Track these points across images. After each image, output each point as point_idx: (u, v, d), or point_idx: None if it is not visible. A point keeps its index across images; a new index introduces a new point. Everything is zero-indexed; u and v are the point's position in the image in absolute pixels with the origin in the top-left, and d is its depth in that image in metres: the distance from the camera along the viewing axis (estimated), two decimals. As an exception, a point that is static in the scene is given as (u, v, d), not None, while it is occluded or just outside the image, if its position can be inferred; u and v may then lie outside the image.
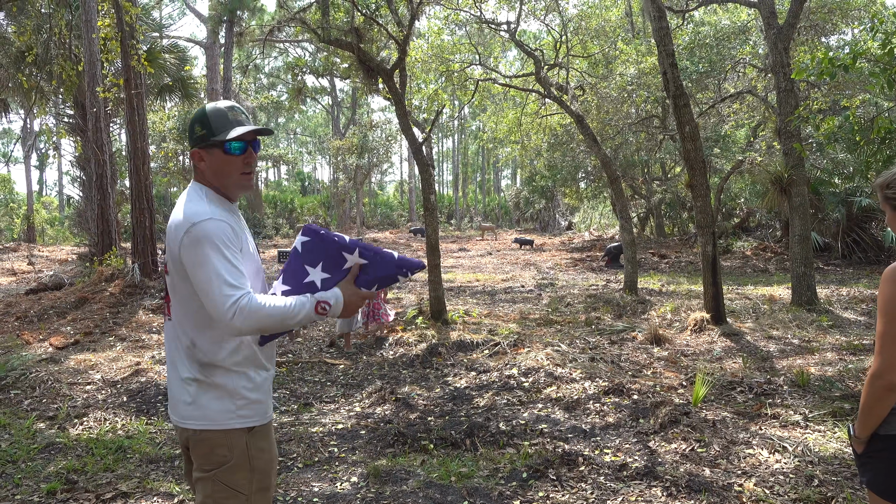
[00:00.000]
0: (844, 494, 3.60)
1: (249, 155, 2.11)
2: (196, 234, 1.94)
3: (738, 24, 16.07)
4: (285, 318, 1.95)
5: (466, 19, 15.04)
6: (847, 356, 6.81)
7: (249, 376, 2.09)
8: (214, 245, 1.93)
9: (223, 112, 2.09)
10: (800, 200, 9.59)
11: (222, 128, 2.06)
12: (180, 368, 2.10)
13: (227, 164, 2.09)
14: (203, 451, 2.07)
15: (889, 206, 2.17)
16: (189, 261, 1.95)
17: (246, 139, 2.10)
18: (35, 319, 9.59)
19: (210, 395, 2.05)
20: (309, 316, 1.99)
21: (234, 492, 2.06)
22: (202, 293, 1.94)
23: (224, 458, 2.05)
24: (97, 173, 12.69)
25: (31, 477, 4.19)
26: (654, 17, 8.48)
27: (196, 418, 2.06)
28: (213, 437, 2.05)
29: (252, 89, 41.66)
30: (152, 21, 20.05)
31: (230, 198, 2.16)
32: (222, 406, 2.05)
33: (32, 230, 30.53)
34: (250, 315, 1.89)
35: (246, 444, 2.08)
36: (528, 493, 3.82)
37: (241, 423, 2.07)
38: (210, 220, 1.96)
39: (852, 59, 6.44)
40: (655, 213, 25.89)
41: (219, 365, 2.05)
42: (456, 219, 47.45)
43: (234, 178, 2.11)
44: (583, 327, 8.82)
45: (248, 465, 2.07)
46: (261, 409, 2.12)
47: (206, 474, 2.07)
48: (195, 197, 2.07)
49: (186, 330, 2.07)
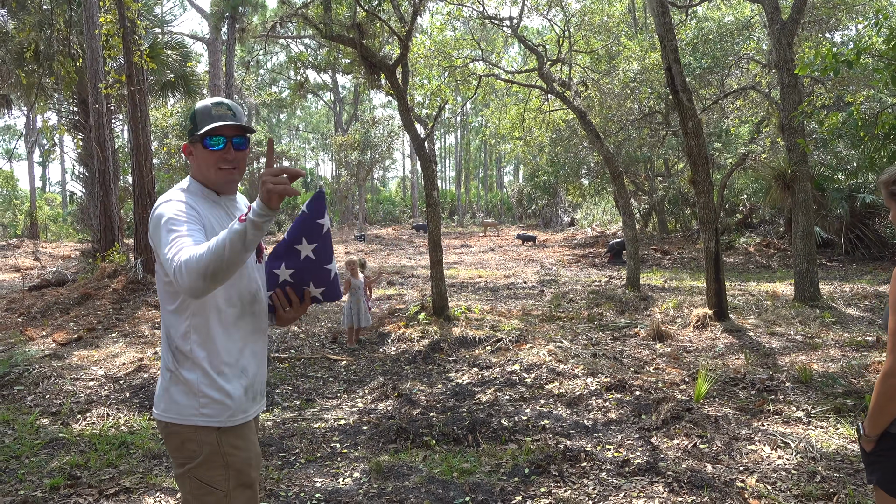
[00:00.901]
0: (847, 491, 3.59)
1: (228, 151, 2.13)
2: (155, 215, 2.01)
3: (741, 20, 16.00)
4: (218, 249, 1.76)
5: (469, 15, 14.98)
6: (850, 352, 6.79)
7: (214, 376, 2.07)
8: (161, 224, 1.96)
9: (208, 108, 2.13)
10: (803, 196, 9.56)
11: (204, 123, 2.10)
12: (164, 358, 2.15)
13: (206, 158, 2.13)
14: (174, 444, 2.09)
15: (894, 202, 2.15)
16: (152, 241, 2.02)
17: (224, 135, 2.11)
18: (38, 316, 9.61)
19: (178, 388, 2.07)
20: (239, 232, 1.76)
21: (210, 488, 2.05)
22: (164, 269, 1.94)
23: (194, 452, 2.06)
24: (100, 170, 12.69)
25: (35, 472, 4.20)
26: (658, 13, 8.45)
27: (166, 411, 2.08)
28: (183, 430, 2.06)
29: (254, 85, 41.63)
30: (154, 17, 20.01)
31: (218, 191, 2.19)
32: (187, 401, 2.06)
33: (35, 226, 30.59)
34: (188, 269, 1.77)
35: (217, 440, 2.06)
36: (530, 489, 3.82)
37: (205, 422, 2.05)
38: (167, 201, 2.03)
39: (856, 55, 6.42)
40: (658, 210, 25.85)
41: (186, 356, 2.06)
42: (458, 215, 47.44)
43: (213, 172, 2.14)
44: (585, 323, 8.82)
45: (221, 462, 2.06)
46: (224, 410, 2.07)
47: (181, 470, 2.08)
48: (175, 189, 2.14)
49: (164, 317, 2.13)
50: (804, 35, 14.68)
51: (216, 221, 2.10)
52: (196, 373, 2.06)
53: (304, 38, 30.96)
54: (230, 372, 2.10)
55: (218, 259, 1.77)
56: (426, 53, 14.42)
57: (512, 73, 15.48)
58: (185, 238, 1.90)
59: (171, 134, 26.15)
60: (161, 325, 2.17)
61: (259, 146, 28.35)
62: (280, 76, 46.85)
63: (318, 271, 2.24)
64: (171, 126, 25.65)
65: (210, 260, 1.77)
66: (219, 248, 1.77)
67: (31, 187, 38.23)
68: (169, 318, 2.10)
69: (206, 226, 2.04)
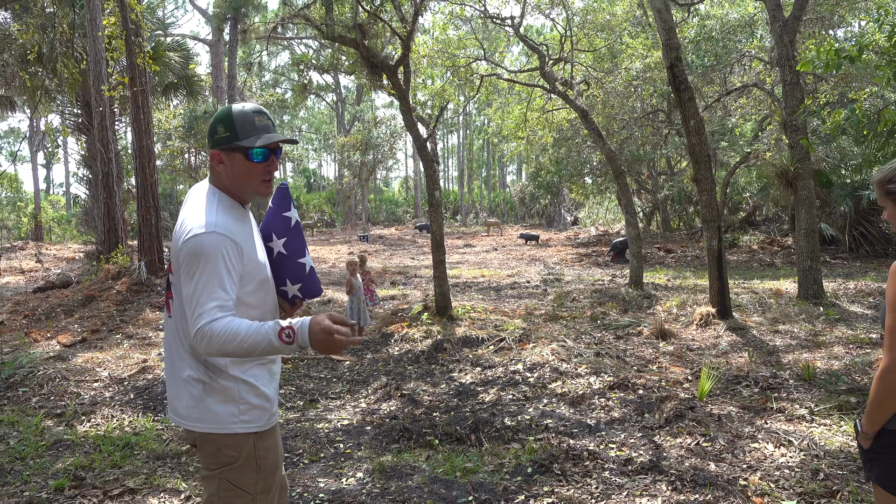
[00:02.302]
0: (850, 488, 3.59)
1: (271, 163, 2.08)
2: (194, 246, 1.89)
3: (744, 18, 15.97)
4: (246, 346, 1.83)
5: (471, 14, 14.99)
6: (854, 350, 6.78)
7: (253, 382, 2.07)
8: (208, 260, 1.88)
9: (250, 116, 2.03)
10: (806, 194, 9.54)
11: (247, 133, 2.01)
12: (181, 367, 2.06)
13: (248, 171, 2.05)
14: (210, 451, 2.06)
15: (890, 201, 2.15)
16: (184, 270, 1.91)
17: (270, 147, 2.06)
18: (43, 317, 9.65)
19: (214, 398, 2.02)
20: (275, 348, 1.85)
21: (240, 491, 2.05)
22: (185, 304, 1.90)
23: (232, 458, 2.04)
24: (103, 172, 12.73)
25: (40, 473, 4.22)
26: (659, 11, 8.44)
27: (200, 421, 2.04)
28: (220, 438, 2.04)
29: (257, 86, 41.70)
30: (156, 20, 20.07)
31: (243, 202, 2.13)
32: (226, 410, 2.02)
33: (40, 228, 30.69)
34: (211, 342, 1.82)
35: (254, 445, 2.07)
36: (533, 488, 3.82)
37: (245, 429, 2.05)
38: (212, 233, 1.91)
39: (858, 51, 6.40)
40: (661, 208, 25.83)
41: (223, 368, 2.03)
42: (461, 214, 47.45)
43: (254, 185, 2.08)
44: (588, 322, 8.82)
45: (255, 466, 2.07)
46: (264, 415, 2.10)
47: (211, 472, 2.06)
48: (205, 202, 2.02)
49: (183, 329, 2.05)
50: (806, 32, 14.65)
51: (245, 241, 2.04)
52: (236, 381, 2.03)
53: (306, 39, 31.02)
54: (268, 376, 2.12)
55: (241, 352, 1.85)
56: (429, 53, 14.43)
57: (514, 73, 15.48)
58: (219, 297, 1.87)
59: (174, 136, 26.21)
60: (174, 334, 2.09)
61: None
62: (283, 77, 46.91)
63: (292, 266, 2.23)
64: (174, 128, 25.71)
65: (234, 350, 1.83)
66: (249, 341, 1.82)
67: (34, 189, 38.38)
68: None
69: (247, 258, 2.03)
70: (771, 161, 13.72)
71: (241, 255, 1.98)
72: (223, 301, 1.87)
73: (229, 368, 2.04)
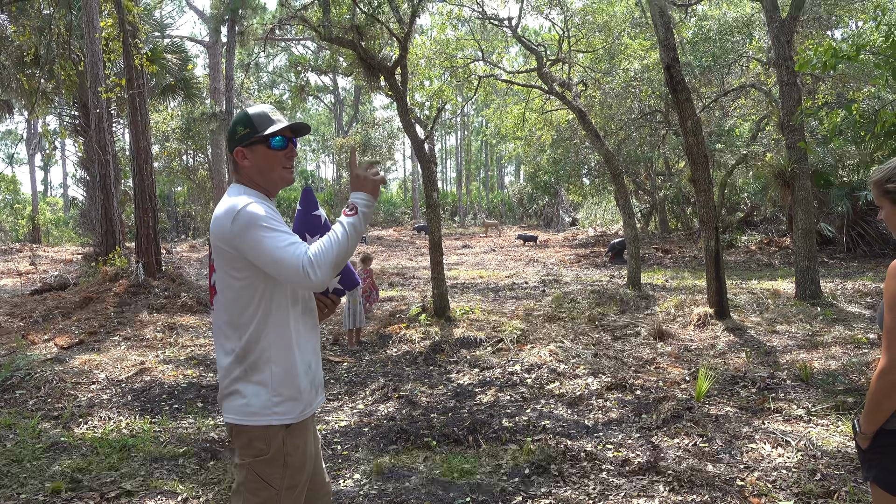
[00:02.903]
0: (847, 488, 3.59)
1: (290, 150, 2.24)
2: (242, 219, 2.04)
3: (742, 18, 15.99)
4: (342, 242, 2.04)
5: (469, 15, 15.00)
6: (851, 350, 6.78)
7: (287, 374, 2.14)
8: (260, 223, 2.03)
9: (265, 112, 2.22)
10: (803, 194, 9.55)
11: (265, 125, 2.18)
12: (223, 359, 2.18)
13: (270, 159, 2.20)
14: (243, 442, 2.14)
15: (888, 201, 2.14)
16: (246, 246, 2.04)
17: (286, 135, 2.22)
18: (40, 320, 9.63)
19: (249, 390, 2.12)
20: (354, 225, 2.09)
21: (265, 484, 2.12)
22: (272, 270, 2.04)
23: (261, 451, 2.12)
24: (100, 173, 12.72)
25: (36, 476, 4.21)
26: (657, 12, 8.45)
27: (234, 412, 2.13)
28: (252, 430, 2.12)
29: (255, 88, 41.69)
30: (154, 21, 20.05)
31: (269, 194, 2.27)
32: (260, 401, 2.11)
33: (37, 231, 30.65)
34: (320, 263, 1.99)
35: (283, 440, 2.13)
36: (531, 489, 3.82)
37: (278, 420, 2.12)
38: (249, 203, 2.07)
39: (855, 52, 6.41)
40: (659, 209, 25.85)
41: (258, 358, 2.12)
42: (460, 215, 47.45)
43: (277, 172, 2.23)
44: (586, 323, 8.81)
45: (282, 461, 2.13)
46: (297, 407, 2.16)
47: (242, 462, 2.15)
48: (234, 193, 2.19)
49: (232, 318, 2.15)
50: (804, 32, 14.67)
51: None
52: (268, 372, 2.12)
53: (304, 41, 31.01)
54: (301, 368, 2.18)
55: (344, 251, 2.04)
56: (427, 54, 14.43)
57: (512, 74, 15.49)
58: (293, 237, 2.05)
59: (171, 138, 26.19)
60: (218, 329, 2.20)
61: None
62: (281, 79, 46.89)
63: None
64: (171, 129, 25.69)
65: (337, 252, 2.02)
66: (342, 239, 2.04)
67: (32, 191, 38.34)
68: (234, 321, 2.14)
69: None
70: (768, 162, 13.74)
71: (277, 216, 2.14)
72: (294, 239, 2.04)
73: (266, 358, 2.12)
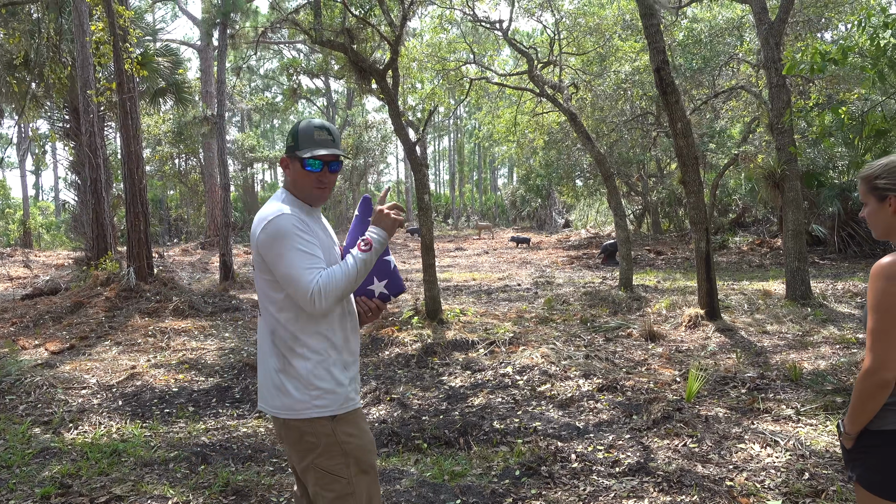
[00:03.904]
0: (835, 487, 3.62)
1: (324, 174, 2.33)
2: (270, 229, 2.17)
3: (732, 21, 16.08)
4: (351, 275, 2.16)
5: (460, 18, 15.02)
6: (840, 350, 6.83)
7: (325, 366, 2.24)
8: (286, 238, 2.15)
9: (311, 131, 2.32)
10: (793, 195, 9.61)
11: (306, 145, 2.29)
12: (269, 358, 2.29)
13: (303, 178, 2.32)
14: (293, 438, 2.24)
15: (874, 198, 2.16)
16: (269, 255, 2.18)
17: (324, 160, 2.32)
18: (31, 325, 9.58)
19: (290, 385, 2.22)
20: (366, 260, 2.21)
21: (334, 476, 2.20)
22: (284, 285, 2.17)
23: (312, 444, 2.21)
24: (91, 177, 12.67)
25: (26, 482, 4.19)
26: (646, 15, 8.49)
27: (280, 408, 2.24)
28: (300, 424, 2.22)
29: (247, 91, 41.60)
30: (146, 25, 19.99)
31: (311, 204, 2.38)
32: (301, 396, 2.21)
33: (29, 235, 30.46)
34: (327, 294, 2.10)
35: (332, 430, 2.21)
36: (521, 491, 3.83)
37: (319, 413, 2.21)
38: (281, 215, 2.19)
39: (842, 54, 6.45)
40: (652, 210, 25.94)
41: (297, 352, 2.22)
42: (453, 218, 47.47)
43: (308, 191, 2.34)
44: (578, 325, 8.84)
45: (340, 450, 2.21)
46: (337, 399, 2.24)
47: (305, 462, 2.23)
48: (275, 199, 2.33)
49: (272, 315, 2.27)
50: (794, 35, 14.76)
51: (319, 230, 2.33)
52: (307, 367, 2.22)
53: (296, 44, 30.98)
54: (340, 364, 2.29)
55: (351, 284, 2.17)
56: (420, 57, 14.45)
57: (504, 76, 15.52)
58: (317, 260, 2.17)
59: (164, 141, 26.09)
60: (263, 329, 2.33)
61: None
62: (273, 81, 46.82)
63: (379, 263, 2.51)
64: (163, 133, 25.59)
65: (345, 285, 2.15)
66: (351, 273, 2.17)
67: (23, 196, 38.05)
68: (278, 320, 2.25)
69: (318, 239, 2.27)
70: (758, 163, 13.81)
71: (312, 231, 2.25)
72: (314, 263, 2.15)
73: (304, 355, 2.23)
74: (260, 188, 47.00)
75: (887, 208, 2.12)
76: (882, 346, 2.00)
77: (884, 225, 2.16)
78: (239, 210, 34.20)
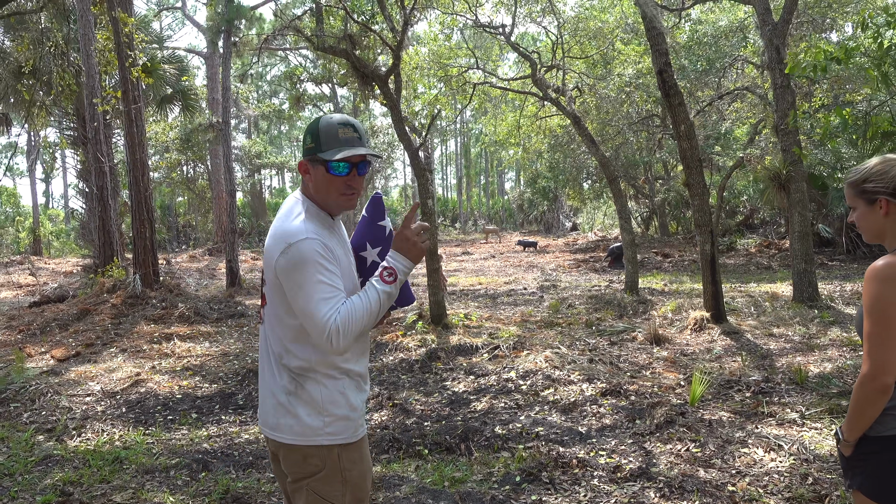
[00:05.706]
0: (838, 492, 3.57)
1: (353, 178, 2.07)
2: (292, 255, 1.94)
3: (735, 22, 16.02)
4: (372, 311, 1.98)
5: (463, 23, 15.04)
6: (847, 352, 6.76)
7: (339, 392, 2.08)
8: (307, 267, 1.93)
9: (334, 129, 2.04)
10: (799, 197, 9.55)
11: (329, 146, 2.02)
12: (272, 377, 2.10)
13: (328, 183, 2.06)
14: (295, 460, 2.08)
15: (864, 201, 2.14)
16: (287, 283, 1.96)
17: (352, 161, 2.05)
18: (38, 332, 9.64)
19: (301, 409, 2.05)
20: (389, 293, 2.01)
21: (327, 502, 2.08)
22: (300, 316, 1.97)
23: (316, 467, 2.06)
24: (98, 185, 12.76)
25: (28, 490, 4.20)
26: (648, 17, 8.47)
27: (286, 432, 2.07)
28: (306, 449, 2.06)
29: (253, 98, 41.80)
30: (152, 32, 20.14)
31: (331, 213, 2.15)
32: (312, 422, 2.04)
33: (38, 243, 30.69)
34: (346, 333, 1.92)
35: (338, 456, 2.08)
36: (521, 497, 3.80)
37: (330, 441, 2.06)
38: (304, 239, 1.95)
39: (846, 54, 6.41)
40: (659, 212, 25.84)
41: (310, 377, 2.05)
42: (460, 222, 47.47)
43: (334, 197, 2.09)
44: (583, 328, 8.80)
45: (340, 478, 2.08)
46: (349, 427, 2.09)
47: (298, 483, 2.10)
48: (295, 212, 2.05)
49: (280, 338, 2.08)
50: (798, 35, 14.69)
51: (340, 250, 2.08)
52: (322, 393, 2.05)
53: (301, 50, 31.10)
54: (356, 388, 2.13)
55: (373, 320, 1.98)
56: (423, 63, 14.47)
57: (507, 81, 15.52)
58: (337, 294, 1.95)
59: (171, 148, 26.24)
60: (266, 343, 2.14)
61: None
62: (280, 87, 47.02)
63: None
64: (171, 140, 25.74)
65: (367, 322, 1.96)
66: (374, 309, 1.97)
67: (33, 203, 38.34)
68: (289, 344, 2.06)
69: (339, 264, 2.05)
70: (763, 165, 13.74)
71: (335, 257, 2.03)
72: (333, 295, 1.94)
73: (317, 380, 2.06)
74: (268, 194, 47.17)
75: (877, 211, 2.09)
76: (880, 350, 1.97)
77: (875, 228, 2.13)
78: (247, 216, 34.31)
